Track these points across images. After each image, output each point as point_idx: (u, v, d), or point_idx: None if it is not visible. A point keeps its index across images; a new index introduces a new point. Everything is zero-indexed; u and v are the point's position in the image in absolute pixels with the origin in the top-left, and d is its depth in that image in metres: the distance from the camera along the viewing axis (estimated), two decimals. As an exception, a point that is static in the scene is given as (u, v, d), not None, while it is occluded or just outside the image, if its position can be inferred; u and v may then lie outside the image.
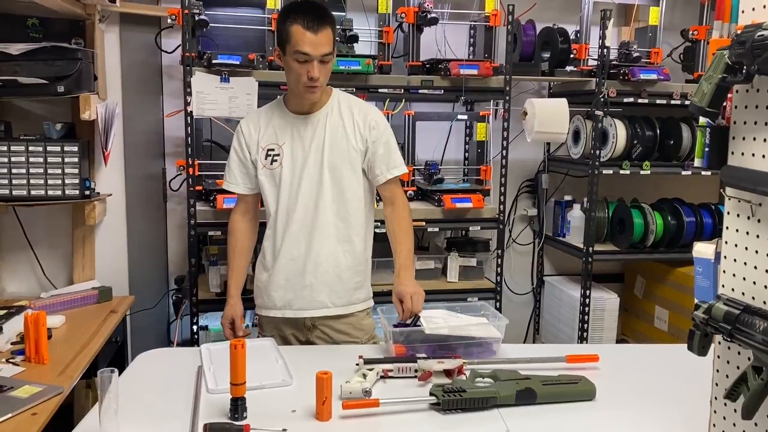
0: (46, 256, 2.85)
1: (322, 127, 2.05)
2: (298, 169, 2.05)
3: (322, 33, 1.90)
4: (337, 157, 2.05)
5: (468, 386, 1.59)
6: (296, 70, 1.94)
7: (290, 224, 2.06)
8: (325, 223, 2.06)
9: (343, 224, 2.08)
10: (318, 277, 2.07)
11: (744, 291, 1.20)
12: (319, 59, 1.91)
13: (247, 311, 2.98)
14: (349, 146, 2.06)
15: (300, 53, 1.90)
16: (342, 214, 2.08)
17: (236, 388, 1.48)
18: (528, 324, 3.82)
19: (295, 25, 1.90)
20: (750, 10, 1.17)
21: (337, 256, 2.08)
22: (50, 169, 2.57)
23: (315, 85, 1.95)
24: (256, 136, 2.09)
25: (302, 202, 2.05)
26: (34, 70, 2.44)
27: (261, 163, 2.08)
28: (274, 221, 2.10)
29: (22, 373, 1.89)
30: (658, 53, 3.30)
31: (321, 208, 2.05)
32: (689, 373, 1.52)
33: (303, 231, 2.06)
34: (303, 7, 1.94)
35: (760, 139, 1.16)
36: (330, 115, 2.07)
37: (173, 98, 3.10)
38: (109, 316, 2.47)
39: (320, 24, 1.90)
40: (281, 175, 2.06)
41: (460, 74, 2.89)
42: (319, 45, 1.90)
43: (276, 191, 2.08)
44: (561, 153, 3.61)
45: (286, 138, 2.06)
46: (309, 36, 1.89)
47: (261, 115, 2.13)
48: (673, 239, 3.25)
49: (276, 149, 2.06)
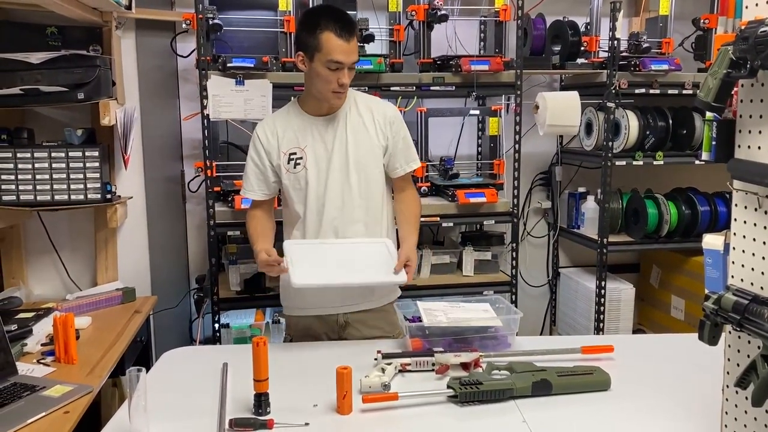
0: (70, 259, 2.91)
1: (343, 126, 2.08)
2: (324, 170, 2.07)
3: (353, 41, 1.95)
4: (362, 155, 2.08)
5: (485, 378, 1.62)
6: (326, 77, 1.96)
7: (321, 224, 2.08)
8: (356, 220, 2.09)
9: (371, 220, 2.12)
10: None
11: (753, 281, 1.22)
12: (349, 66, 1.96)
13: (267, 309, 3.06)
14: (372, 143, 2.10)
15: (333, 62, 1.93)
16: (370, 210, 2.12)
17: (260, 384, 1.52)
18: (544, 316, 3.84)
19: (327, 33, 1.92)
20: (753, 6, 1.19)
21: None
22: (72, 174, 2.63)
23: (343, 91, 1.99)
24: (275, 141, 2.09)
25: (331, 202, 2.07)
26: (55, 78, 2.50)
27: (284, 167, 2.08)
28: (303, 223, 2.10)
29: (53, 373, 1.95)
30: (669, 43, 3.29)
31: (350, 207, 2.08)
32: (703, 362, 1.54)
33: (334, 230, 2.08)
34: (332, 14, 1.95)
35: (766, 132, 1.18)
36: (349, 114, 2.09)
37: (189, 101, 3.16)
38: (133, 316, 2.53)
39: (350, 32, 1.94)
40: (307, 177, 2.07)
41: (471, 70, 2.91)
42: (350, 53, 1.94)
43: (303, 194, 2.09)
44: (574, 145, 3.62)
45: (308, 140, 2.07)
46: (342, 45, 1.92)
47: (277, 119, 2.13)
48: (687, 228, 3.26)
49: (298, 152, 2.07)
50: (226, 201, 2.84)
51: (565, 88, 3.55)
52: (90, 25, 2.70)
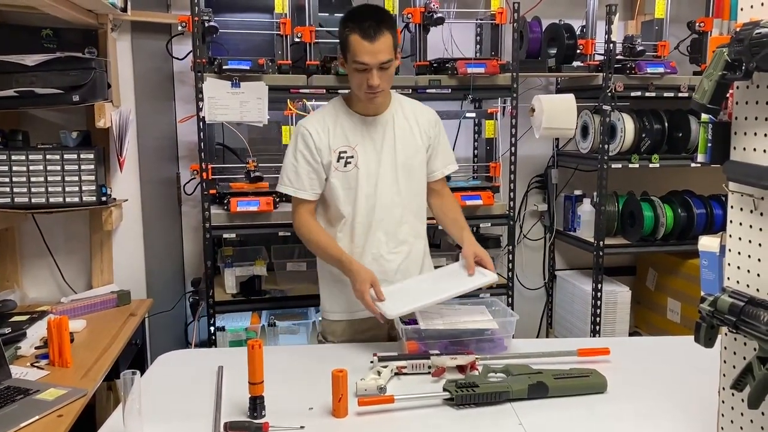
0: (65, 262, 2.91)
1: (392, 127, 2.08)
2: (374, 170, 2.06)
3: (380, 40, 1.89)
4: (409, 157, 2.09)
5: (481, 381, 1.62)
6: (356, 79, 1.96)
7: (371, 225, 2.07)
8: (404, 221, 2.10)
9: (418, 222, 2.15)
10: (406, 275, 2.11)
11: (748, 283, 1.22)
12: (377, 67, 1.92)
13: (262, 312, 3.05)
14: (417, 146, 2.11)
15: (358, 63, 1.92)
16: (417, 212, 2.14)
17: (255, 387, 1.52)
18: (541, 318, 3.84)
19: (353, 35, 1.90)
20: (748, 8, 1.19)
21: (419, 251, 2.16)
22: (67, 177, 2.62)
23: (375, 92, 1.96)
24: (326, 138, 2.04)
25: (381, 202, 2.06)
26: (50, 80, 2.50)
27: (333, 165, 2.04)
28: (351, 224, 2.08)
29: (47, 376, 1.95)
30: (664, 46, 3.30)
31: (400, 208, 2.09)
32: (700, 364, 1.54)
33: (384, 231, 2.08)
34: (360, 15, 1.94)
35: (761, 134, 1.18)
36: (396, 116, 2.09)
37: (185, 104, 3.15)
38: (128, 319, 2.52)
39: (377, 31, 1.89)
40: (357, 177, 2.05)
41: (467, 73, 2.91)
42: (376, 53, 1.89)
43: (353, 194, 2.06)
44: (570, 148, 3.63)
45: (358, 139, 2.05)
46: (366, 45, 1.89)
47: (325, 116, 2.09)
48: (683, 231, 3.26)
49: (349, 151, 2.04)
50: (222, 203, 2.83)
51: (561, 91, 3.55)
52: (85, 28, 2.70)
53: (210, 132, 2.94)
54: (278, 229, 2.84)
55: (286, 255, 3.17)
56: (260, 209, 2.76)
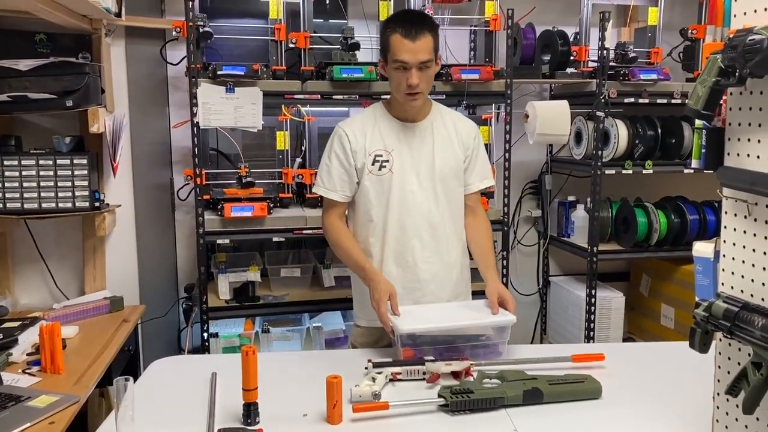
0: (57, 268, 2.89)
1: (431, 135, 2.07)
2: (410, 175, 2.04)
3: (421, 40, 1.91)
4: (447, 166, 2.07)
5: (476, 387, 1.62)
6: (396, 79, 1.96)
7: (406, 231, 2.05)
8: (441, 229, 2.08)
9: (455, 231, 2.11)
10: (440, 286, 2.10)
11: (743, 288, 1.22)
12: (417, 66, 1.92)
13: (256, 318, 3.04)
14: (456, 156, 2.09)
15: (398, 61, 1.93)
16: (453, 220, 2.11)
17: (249, 394, 1.51)
18: (535, 324, 3.84)
19: (394, 35, 1.93)
20: (741, 15, 1.20)
21: (456, 261, 2.13)
22: (60, 182, 2.61)
23: (415, 92, 1.96)
24: (362, 140, 2.04)
25: (416, 208, 2.04)
26: (43, 85, 2.49)
27: (368, 168, 2.03)
28: (383, 228, 2.06)
29: (39, 383, 1.93)
30: (657, 53, 3.32)
31: (435, 215, 2.07)
32: (694, 370, 1.54)
33: (420, 238, 2.06)
34: (402, 16, 1.99)
35: (755, 140, 1.19)
36: (436, 124, 2.09)
37: (179, 109, 3.15)
38: (121, 326, 2.51)
39: (418, 31, 1.91)
40: (391, 181, 2.04)
41: (461, 79, 2.92)
42: (417, 52, 1.91)
43: (385, 198, 2.04)
44: (563, 154, 3.64)
45: (394, 144, 2.04)
46: (407, 44, 1.91)
47: (364, 119, 2.09)
48: (677, 237, 3.27)
49: (384, 155, 2.03)
50: (216, 209, 2.82)
51: (555, 98, 3.57)
52: (79, 33, 2.69)
53: (204, 137, 2.94)
54: (272, 235, 2.84)
55: (280, 261, 3.17)
56: (254, 215, 2.75)
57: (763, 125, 1.17)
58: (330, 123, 3.18)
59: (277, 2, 2.82)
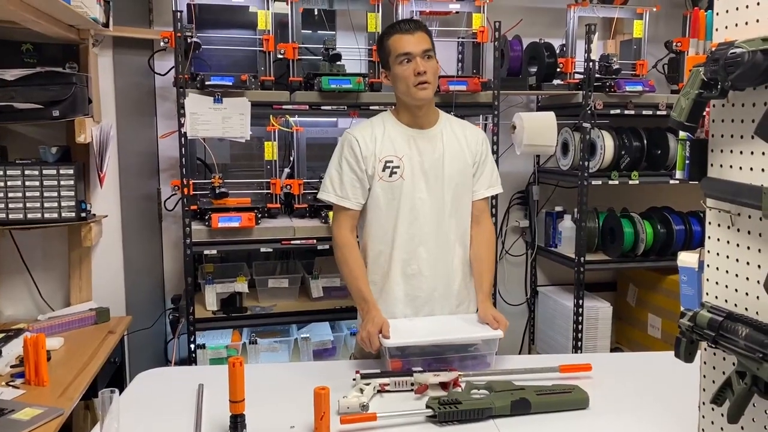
0: (42, 279, 2.86)
1: (440, 141, 2.08)
2: (420, 181, 2.05)
3: (417, 33, 2.00)
4: (456, 173, 2.08)
5: (464, 398, 1.62)
6: (403, 74, 1.98)
7: (414, 239, 2.05)
8: (448, 237, 2.08)
9: (460, 238, 2.12)
10: (444, 294, 2.10)
11: (727, 298, 1.24)
12: (420, 55, 1.97)
13: (243, 329, 3.02)
14: (465, 163, 2.11)
15: (401, 55, 1.97)
16: (460, 228, 2.11)
17: (236, 405, 1.49)
18: (523, 334, 3.84)
19: (392, 37, 2.01)
20: (723, 29, 1.22)
21: (459, 269, 2.13)
22: (46, 193, 2.59)
23: (424, 81, 1.97)
24: (372, 146, 2.04)
25: (425, 215, 2.05)
26: (30, 95, 2.47)
27: (378, 175, 2.03)
28: (392, 235, 2.05)
29: (23, 395, 1.91)
30: (643, 65, 3.36)
31: (444, 221, 2.07)
32: (680, 380, 1.55)
33: (426, 246, 2.06)
34: (395, 23, 2.08)
35: (737, 151, 1.21)
36: (445, 131, 2.10)
37: (167, 119, 3.14)
38: (107, 337, 2.49)
39: (413, 27, 2.01)
40: (402, 188, 2.03)
41: (449, 90, 2.93)
42: (417, 43, 1.98)
43: (395, 204, 2.04)
44: (551, 165, 3.66)
45: (405, 150, 2.05)
46: (406, 37, 1.99)
47: (374, 126, 2.10)
48: (663, 247, 3.29)
49: (395, 161, 2.03)
50: (203, 219, 2.81)
51: (542, 109, 3.59)
52: (67, 43, 2.68)
53: (191, 147, 2.93)
54: (260, 245, 2.83)
55: (268, 271, 3.16)
56: (242, 225, 2.74)
57: (745, 137, 1.19)
58: (318, 133, 3.19)
59: (265, 13, 2.83)
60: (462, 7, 3.14)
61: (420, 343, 1.89)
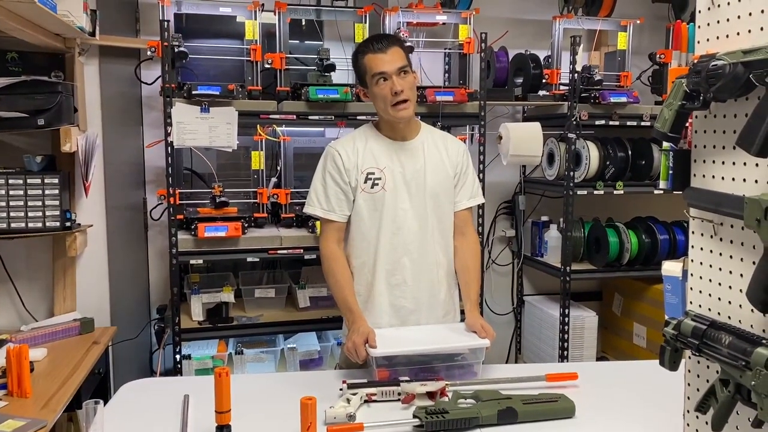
0: (26, 289, 2.83)
1: (422, 153, 2.08)
2: (402, 193, 2.05)
3: (391, 51, 1.99)
4: (438, 185, 2.09)
5: (450, 407, 1.62)
6: (380, 93, 1.99)
7: (397, 250, 2.05)
8: (431, 248, 2.08)
9: (444, 249, 2.12)
10: (429, 306, 2.10)
11: (710, 307, 1.25)
12: (396, 73, 1.97)
13: (229, 339, 3.01)
14: (447, 174, 2.11)
15: (377, 74, 1.97)
16: (442, 239, 2.11)
17: (222, 416, 1.49)
18: (510, 344, 3.85)
19: (365, 56, 2.00)
20: (705, 41, 1.24)
21: (442, 280, 2.13)
22: (30, 202, 2.57)
23: (402, 99, 1.98)
24: (354, 158, 2.05)
25: (408, 226, 2.05)
26: (15, 104, 2.46)
27: (360, 186, 2.04)
28: (375, 247, 2.06)
29: (5, 407, 1.88)
30: (627, 76, 3.40)
31: (427, 232, 2.07)
32: (665, 388, 1.56)
33: (410, 257, 2.06)
34: (367, 41, 2.07)
35: (719, 161, 1.22)
36: (426, 144, 2.10)
37: (153, 128, 3.13)
38: (91, 348, 2.46)
39: (386, 44, 2.00)
40: (384, 199, 2.04)
41: (436, 101, 2.95)
42: (391, 62, 1.98)
43: (378, 216, 2.05)
44: (536, 175, 3.69)
45: (386, 162, 2.06)
46: (380, 56, 1.98)
47: (355, 138, 2.10)
48: (648, 257, 3.32)
49: (377, 173, 2.04)
50: (189, 229, 2.80)
51: (528, 119, 3.62)
52: (53, 51, 2.67)
53: (178, 157, 2.92)
54: (246, 255, 2.82)
55: (255, 281, 3.14)
56: (228, 235, 2.73)
57: (726, 147, 1.20)
58: (305, 143, 3.19)
59: (253, 23, 2.83)
60: (449, 19, 3.16)
61: (407, 352, 1.89)
